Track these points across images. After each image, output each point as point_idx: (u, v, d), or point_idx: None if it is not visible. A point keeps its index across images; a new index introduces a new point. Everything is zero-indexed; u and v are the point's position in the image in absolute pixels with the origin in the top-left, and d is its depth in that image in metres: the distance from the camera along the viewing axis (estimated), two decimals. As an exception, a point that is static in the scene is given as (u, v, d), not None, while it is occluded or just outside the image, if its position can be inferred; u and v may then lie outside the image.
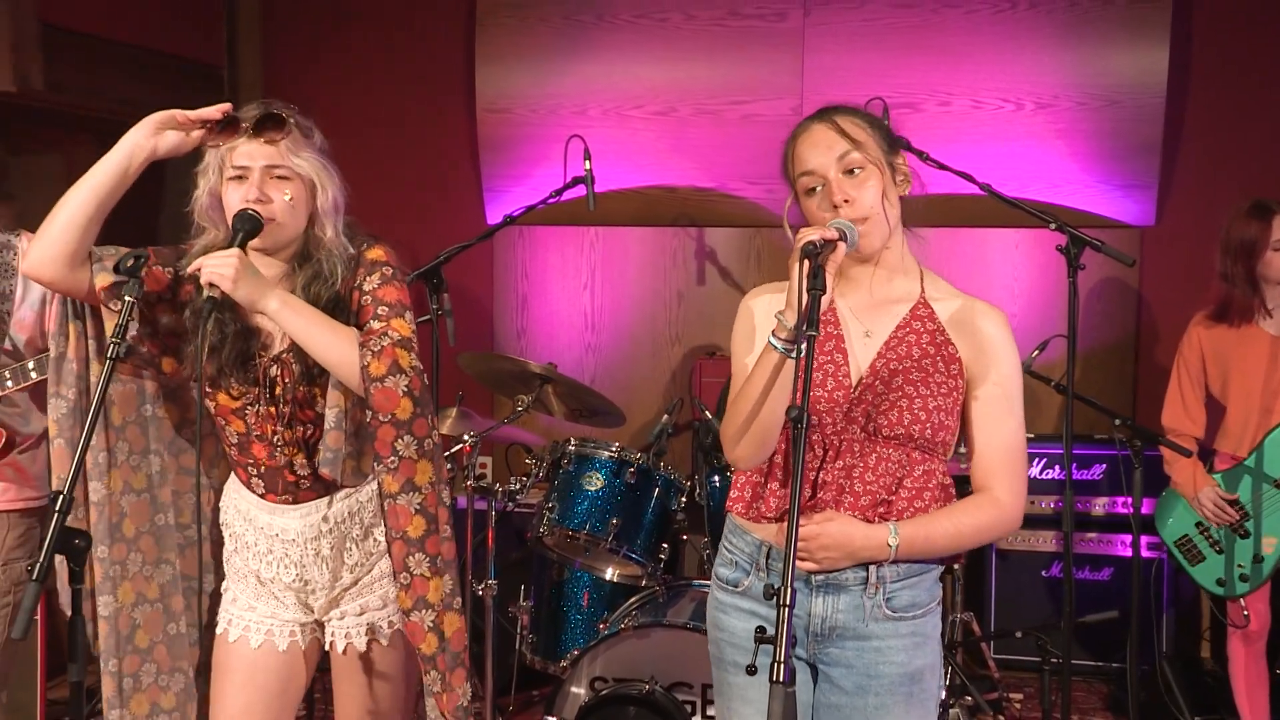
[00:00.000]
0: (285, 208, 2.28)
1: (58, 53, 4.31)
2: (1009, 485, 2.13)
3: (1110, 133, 4.79)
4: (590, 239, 5.29)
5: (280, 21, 5.51)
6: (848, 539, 2.05)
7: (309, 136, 2.35)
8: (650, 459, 3.87)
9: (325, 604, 2.43)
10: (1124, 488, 4.40)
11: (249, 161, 2.27)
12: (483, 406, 5.01)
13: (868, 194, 2.08)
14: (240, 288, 2.17)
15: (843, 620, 2.10)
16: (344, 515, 2.39)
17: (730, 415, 2.10)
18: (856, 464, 2.09)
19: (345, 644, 2.42)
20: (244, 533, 2.43)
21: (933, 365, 2.11)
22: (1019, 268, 4.94)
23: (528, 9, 5.19)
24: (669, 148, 5.14)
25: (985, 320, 2.15)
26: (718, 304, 5.19)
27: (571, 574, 4.12)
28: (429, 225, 5.33)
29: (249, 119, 2.28)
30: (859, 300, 2.18)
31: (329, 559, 2.39)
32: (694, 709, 3.35)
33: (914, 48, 4.88)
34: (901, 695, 2.11)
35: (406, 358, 2.26)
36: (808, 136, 2.15)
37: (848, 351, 2.14)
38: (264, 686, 2.42)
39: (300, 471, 2.35)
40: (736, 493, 2.20)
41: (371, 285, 2.33)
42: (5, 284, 2.98)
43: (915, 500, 2.09)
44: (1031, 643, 3.66)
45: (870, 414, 2.09)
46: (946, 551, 2.12)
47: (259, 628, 2.43)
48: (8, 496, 2.98)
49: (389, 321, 2.28)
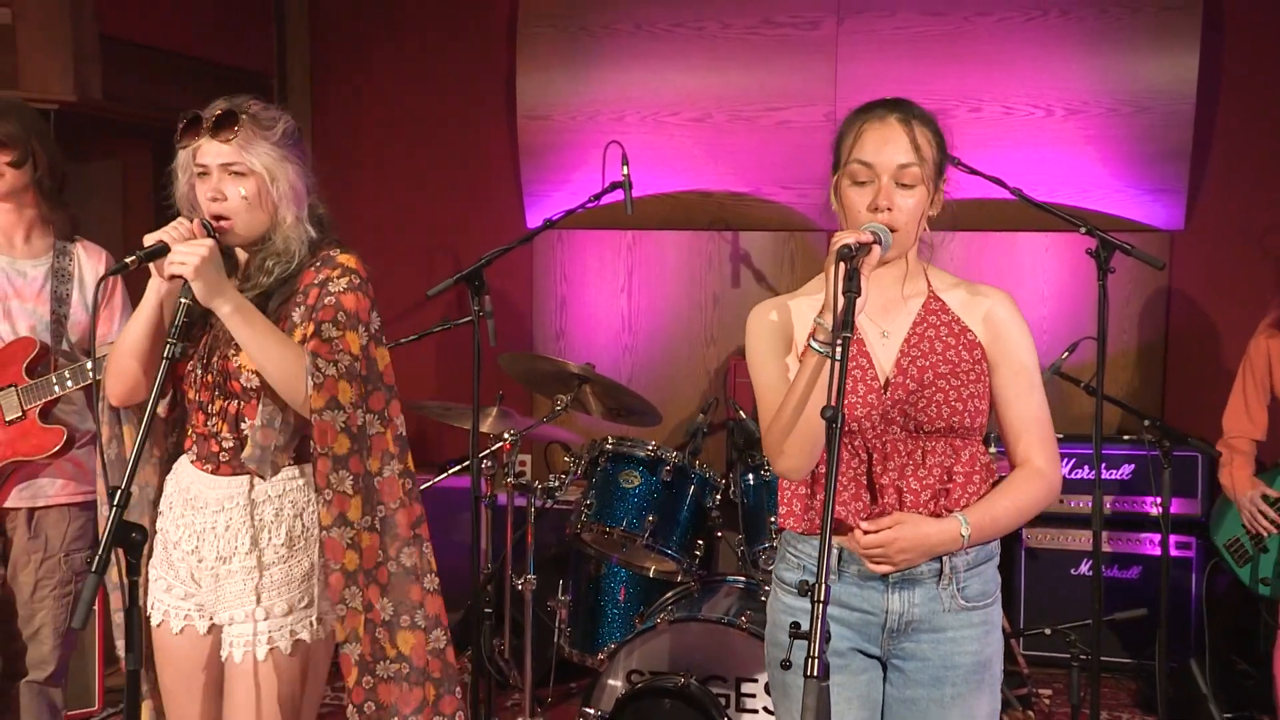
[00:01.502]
0: (240, 204, 2.29)
1: (116, 64, 4.36)
2: (1046, 455, 2.14)
3: (1140, 138, 4.74)
4: (627, 242, 5.29)
5: (327, 31, 5.55)
6: (923, 538, 2.04)
7: (267, 129, 2.31)
8: (686, 457, 3.86)
9: (210, 591, 2.34)
10: (1153, 487, 4.36)
11: (207, 160, 2.29)
12: (522, 406, 5.02)
13: (908, 209, 2.07)
14: (200, 280, 2.16)
15: (919, 614, 2.10)
16: (250, 500, 2.32)
17: (773, 425, 2.08)
18: (908, 463, 2.09)
19: (244, 651, 2.30)
20: (170, 494, 2.39)
21: (956, 356, 2.11)
22: (1049, 271, 4.90)
23: (568, 19, 5.20)
24: (705, 153, 5.14)
25: (995, 304, 2.16)
26: (752, 306, 5.12)
27: (609, 569, 4.13)
28: (470, 229, 5.36)
29: (209, 118, 2.29)
30: (873, 302, 2.15)
31: (223, 538, 2.32)
32: (728, 702, 3.34)
33: (945, 55, 4.85)
34: (975, 683, 2.12)
35: (348, 393, 2.24)
36: (880, 128, 2.09)
37: (870, 354, 2.13)
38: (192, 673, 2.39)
39: (224, 444, 2.32)
40: (785, 508, 2.18)
41: (338, 287, 2.30)
42: (63, 288, 3.02)
43: (968, 484, 2.09)
44: (1060, 640, 3.63)
45: (908, 412, 2.08)
46: (1010, 528, 2.14)
47: (177, 613, 2.38)
48: (67, 490, 3.01)
49: (344, 334, 2.26)
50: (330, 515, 2.25)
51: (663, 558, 3.87)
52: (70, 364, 2.96)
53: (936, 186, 2.12)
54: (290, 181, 2.32)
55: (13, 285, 2.97)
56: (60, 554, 3.01)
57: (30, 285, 2.99)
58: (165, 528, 2.38)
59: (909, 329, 2.14)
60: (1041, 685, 4.31)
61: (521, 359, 4.19)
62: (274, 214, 2.33)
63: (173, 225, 2.23)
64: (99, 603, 3.96)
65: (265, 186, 2.30)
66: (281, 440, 2.30)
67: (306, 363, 2.23)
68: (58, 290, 3.00)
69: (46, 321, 2.98)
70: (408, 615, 2.33)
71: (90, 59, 4.23)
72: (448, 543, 4.86)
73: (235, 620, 2.32)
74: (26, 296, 2.98)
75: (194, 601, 2.37)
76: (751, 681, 3.33)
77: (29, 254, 3.01)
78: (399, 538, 2.34)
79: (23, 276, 2.99)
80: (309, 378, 2.22)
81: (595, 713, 3.40)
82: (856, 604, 2.11)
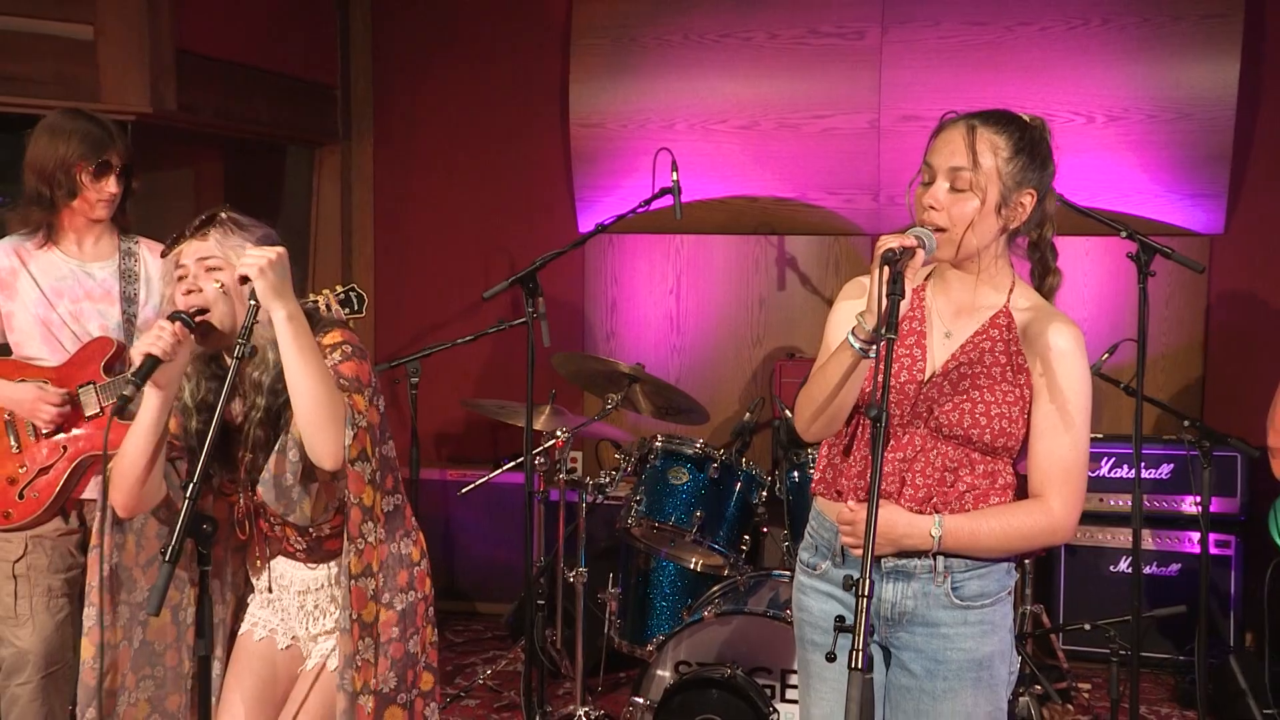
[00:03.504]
0: (215, 294, 2.25)
1: (190, 76, 4.42)
2: (1063, 497, 2.07)
3: (1180, 144, 4.66)
4: (676, 246, 5.29)
5: (389, 44, 5.59)
6: (890, 525, 2.04)
7: (244, 230, 2.29)
8: (733, 455, 3.86)
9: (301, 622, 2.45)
10: (1192, 486, 4.29)
11: (185, 259, 2.27)
12: (574, 404, 5.03)
13: (957, 212, 2.03)
14: (263, 279, 2.12)
15: (912, 606, 2.09)
16: (329, 580, 2.40)
17: (804, 396, 2.12)
18: (916, 457, 2.08)
19: (320, 660, 2.40)
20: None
21: (1001, 374, 2.08)
22: (1089, 274, 4.84)
23: (619, 30, 5.21)
24: (752, 160, 5.12)
25: (1057, 334, 2.07)
26: (797, 308, 5.16)
27: (657, 563, 4.13)
28: (525, 233, 5.38)
29: (190, 226, 2.28)
30: (947, 303, 2.15)
31: (310, 615, 2.43)
32: (773, 693, 3.33)
33: (988, 63, 4.81)
34: (969, 680, 2.09)
35: (369, 445, 2.24)
36: (945, 132, 2.08)
37: (926, 348, 2.12)
38: (258, 675, 2.44)
39: (298, 546, 2.38)
40: (818, 474, 2.21)
41: (331, 361, 2.26)
42: (130, 288, 3.06)
43: (979, 498, 2.07)
44: (1100, 635, 3.58)
45: (933, 410, 2.07)
46: (993, 551, 2.07)
47: (264, 624, 2.47)
48: (142, 483, 3.05)
49: (350, 396, 2.22)
50: (360, 565, 2.26)
51: (710, 552, 3.86)
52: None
53: (1005, 199, 2.04)
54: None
55: (84, 288, 3.01)
56: (135, 543, 3.05)
57: (100, 287, 3.03)
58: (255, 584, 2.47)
59: (969, 336, 2.11)
60: (1081, 679, 4.26)
61: (574, 359, 4.20)
62: None
63: (154, 332, 2.16)
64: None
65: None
66: (291, 479, 2.25)
67: (346, 410, 2.19)
68: (126, 291, 3.04)
69: (118, 321, 3.02)
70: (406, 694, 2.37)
71: (166, 72, 4.29)
72: (502, 537, 4.90)
73: (325, 632, 2.42)
74: (97, 298, 3.02)
75: (280, 620, 2.46)
76: (796, 673, 3.31)
77: (96, 256, 3.05)
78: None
79: (92, 279, 3.03)
80: (349, 427, 2.18)
81: (644, 702, 3.40)
82: None
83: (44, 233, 3.00)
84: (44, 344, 2.98)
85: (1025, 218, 2.08)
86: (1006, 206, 2.05)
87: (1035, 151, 2.06)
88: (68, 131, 2.93)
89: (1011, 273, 2.16)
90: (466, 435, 5.51)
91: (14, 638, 2.94)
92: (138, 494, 2.28)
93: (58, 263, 3.01)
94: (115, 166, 2.97)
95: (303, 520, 2.30)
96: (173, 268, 2.29)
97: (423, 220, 5.51)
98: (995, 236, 2.08)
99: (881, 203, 5.00)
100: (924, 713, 2.10)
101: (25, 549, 2.94)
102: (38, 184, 2.94)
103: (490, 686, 4.34)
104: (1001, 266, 2.13)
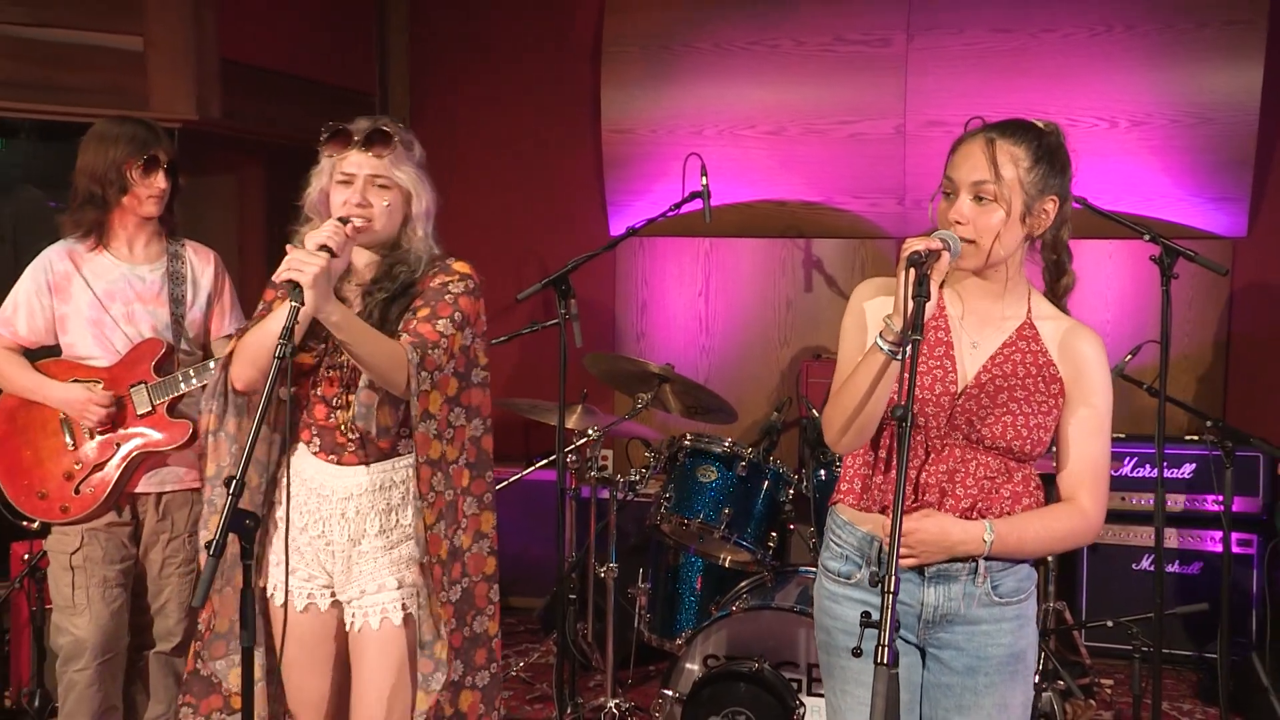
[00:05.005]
0: (382, 212, 2.37)
1: (234, 84, 4.47)
2: (1094, 497, 2.10)
3: (1203, 148, 4.63)
4: (705, 249, 5.30)
5: (426, 53, 5.63)
6: (944, 534, 2.04)
7: (410, 151, 2.42)
8: (760, 453, 3.86)
9: (342, 572, 2.42)
10: (1214, 486, 4.26)
11: (355, 170, 2.36)
12: (605, 403, 5.05)
13: (983, 224, 2.03)
14: (312, 290, 2.16)
15: (953, 607, 2.10)
16: (374, 486, 2.39)
17: (832, 406, 2.10)
18: (958, 469, 2.08)
19: (361, 622, 2.40)
20: (294, 487, 2.43)
21: (1034, 384, 2.08)
22: (1112, 277, 4.81)
23: (649, 38, 5.22)
24: (779, 165, 5.12)
25: (1085, 344, 2.11)
26: (823, 310, 5.16)
27: (686, 559, 4.14)
28: (557, 236, 5.40)
29: (359, 132, 2.36)
30: (968, 313, 2.15)
31: (352, 521, 2.39)
32: (800, 686, 3.34)
33: (1012, 70, 4.79)
34: (1008, 674, 2.11)
35: (437, 401, 2.32)
36: (964, 146, 2.08)
37: (955, 359, 2.11)
38: (320, 643, 2.46)
39: (350, 435, 2.38)
40: (847, 485, 2.20)
41: (456, 289, 2.40)
42: (178, 289, 3.10)
43: (1015, 504, 2.09)
44: (1122, 632, 3.57)
45: (973, 423, 2.07)
46: (1036, 553, 2.12)
47: (300, 593, 2.44)
48: (190, 477, 3.10)
49: (455, 333, 2.34)
50: (433, 515, 2.33)
51: (738, 549, 3.87)
52: (190, 361, 3.05)
53: (1030, 209, 2.04)
54: (427, 202, 2.43)
55: (134, 290, 3.06)
56: (184, 535, 3.10)
57: (149, 289, 3.07)
58: (290, 517, 2.41)
59: (998, 347, 2.11)
60: (1103, 675, 4.24)
61: (605, 359, 4.22)
62: (403, 226, 2.42)
63: (328, 227, 2.26)
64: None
65: (404, 201, 2.40)
66: (389, 420, 2.35)
67: (408, 357, 2.27)
68: (174, 292, 3.09)
69: (167, 322, 3.07)
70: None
71: (211, 81, 4.34)
72: (535, 533, 4.92)
73: (366, 592, 2.40)
74: (147, 299, 3.07)
75: (317, 583, 2.44)
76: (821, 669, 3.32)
77: (145, 259, 3.10)
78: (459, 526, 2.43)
79: (142, 281, 3.07)
80: (412, 380, 2.28)
81: (673, 694, 3.41)
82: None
83: (95, 235, 3.04)
84: (96, 345, 3.03)
85: (1049, 223, 2.09)
86: (1031, 215, 2.06)
87: (1054, 158, 2.07)
88: (115, 135, 2.99)
89: (1027, 282, 2.16)
90: (500, 433, 5.51)
91: (71, 626, 3.00)
92: (259, 373, 2.33)
93: (109, 266, 3.05)
94: (162, 162, 3.02)
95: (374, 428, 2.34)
96: (332, 167, 2.39)
97: (457, 224, 5.48)
98: (1021, 244, 2.08)
99: (906, 206, 4.98)
100: (966, 708, 2.11)
101: (81, 541, 2.99)
102: (90, 185, 2.99)
103: (523, 678, 4.37)
104: (1020, 277, 2.14)
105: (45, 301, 3.02)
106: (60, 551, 3.01)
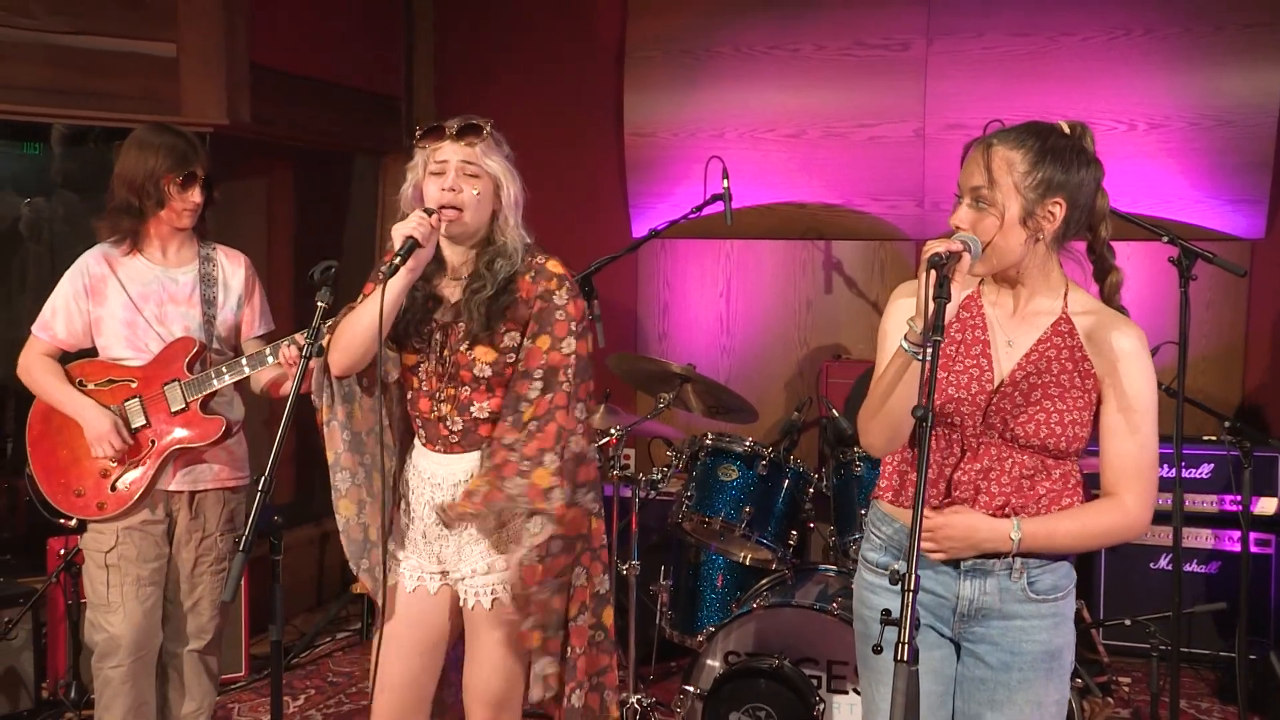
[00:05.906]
0: (472, 199, 2.43)
1: (263, 90, 4.49)
2: (1137, 493, 2.08)
3: (1221, 150, 4.60)
4: (726, 251, 5.31)
5: (451, 58, 5.66)
6: (971, 530, 2.04)
7: (499, 145, 2.50)
8: (781, 453, 3.87)
9: (454, 553, 2.50)
10: (1232, 486, 4.24)
11: (447, 158, 2.43)
12: (628, 403, 5.06)
13: (980, 229, 2.03)
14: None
15: (989, 602, 2.09)
16: (472, 471, 2.47)
17: (866, 408, 2.11)
18: (993, 467, 2.08)
19: (474, 601, 2.48)
20: (408, 475, 2.56)
21: (1069, 380, 2.07)
22: (1131, 278, 4.63)
23: (671, 43, 5.23)
24: (799, 167, 5.12)
25: (1121, 337, 2.08)
26: (843, 311, 5.16)
27: (707, 557, 4.15)
28: (581, 238, 5.40)
29: (452, 126, 2.44)
30: (1005, 310, 2.14)
31: None
32: (820, 683, 3.34)
33: (1030, 73, 4.77)
34: (1042, 670, 2.10)
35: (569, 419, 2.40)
36: (970, 155, 2.10)
37: (991, 357, 2.11)
38: (418, 625, 2.54)
39: (453, 427, 2.47)
40: (885, 481, 2.21)
41: (562, 299, 2.46)
42: (210, 291, 3.13)
43: (1054, 501, 2.08)
44: (1140, 630, 3.56)
45: (1008, 421, 2.07)
46: (1070, 549, 2.10)
47: (411, 574, 2.54)
48: (222, 475, 3.13)
49: (577, 342, 2.43)
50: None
51: (758, 547, 3.88)
52: (221, 360, 3.08)
53: (1030, 211, 2.03)
54: (515, 192, 2.51)
55: (167, 292, 3.08)
56: (217, 533, 3.12)
57: (182, 290, 3.10)
58: (411, 505, 2.54)
59: (1033, 344, 2.10)
60: (1121, 674, 4.22)
61: (627, 359, 4.23)
62: (494, 217, 2.49)
63: (414, 218, 2.35)
64: (244, 579, 4.09)
65: (494, 190, 2.47)
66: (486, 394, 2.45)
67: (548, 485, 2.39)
68: (206, 294, 3.11)
69: (199, 323, 3.09)
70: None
71: (242, 86, 4.37)
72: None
73: (477, 572, 2.48)
74: (179, 301, 3.09)
75: (427, 569, 2.53)
76: (842, 664, 3.32)
77: (178, 262, 3.12)
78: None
79: (175, 283, 3.10)
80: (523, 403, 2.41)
81: (694, 690, 3.42)
82: (930, 587, 2.11)
83: (130, 240, 3.07)
84: (129, 346, 3.06)
85: (1058, 224, 2.05)
86: (1033, 218, 2.03)
87: (1061, 159, 2.04)
88: (155, 145, 3.01)
89: (1064, 277, 2.14)
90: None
91: (106, 624, 3.02)
92: (357, 357, 2.44)
93: (143, 269, 3.08)
94: (199, 178, 3.05)
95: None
96: (426, 160, 2.46)
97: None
98: (1027, 246, 2.05)
99: (926, 209, 4.98)
100: (999, 703, 2.11)
101: (116, 540, 3.02)
102: (127, 195, 3.02)
103: (547, 673, 4.39)
104: (1050, 271, 2.12)
105: (82, 305, 3.05)
106: (95, 550, 3.03)
